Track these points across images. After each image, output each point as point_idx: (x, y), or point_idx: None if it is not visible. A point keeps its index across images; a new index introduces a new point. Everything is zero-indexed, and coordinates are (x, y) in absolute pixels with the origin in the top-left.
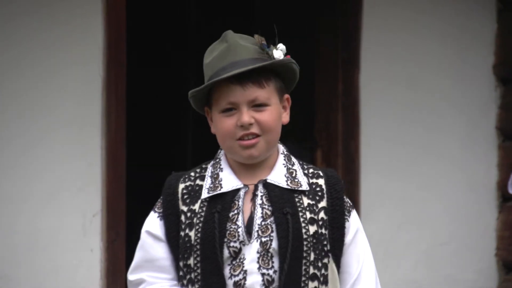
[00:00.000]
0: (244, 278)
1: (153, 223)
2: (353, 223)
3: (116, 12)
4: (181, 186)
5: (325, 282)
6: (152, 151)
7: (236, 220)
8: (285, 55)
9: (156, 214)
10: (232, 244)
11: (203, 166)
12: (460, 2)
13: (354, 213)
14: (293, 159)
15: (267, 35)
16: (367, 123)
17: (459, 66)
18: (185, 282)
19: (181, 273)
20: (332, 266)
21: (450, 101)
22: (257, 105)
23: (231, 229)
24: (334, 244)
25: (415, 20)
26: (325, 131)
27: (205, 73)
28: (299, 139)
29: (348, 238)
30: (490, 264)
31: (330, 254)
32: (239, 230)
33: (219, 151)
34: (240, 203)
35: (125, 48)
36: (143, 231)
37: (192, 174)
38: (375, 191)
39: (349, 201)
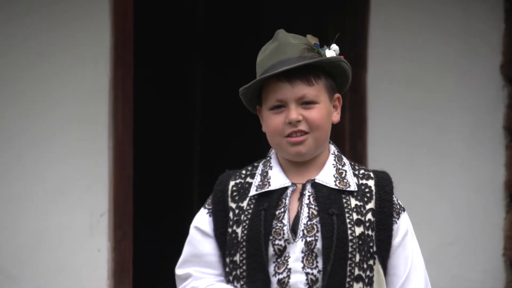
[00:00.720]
0: (288, 276)
1: (202, 219)
2: (402, 225)
3: (123, 12)
4: (232, 183)
5: (370, 283)
6: (159, 153)
7: (282, 218)
8: (339, 55)
9: (206, 210)
10: (277, 242)
11: (255, 164)
12: (467, 2)
13: (404, 215)
14: (345, 160)
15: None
16: (374, 123)
17: (466, 65)
18: (231, 278)
19: (227, 269)
20: (378, 267)
21: (457, 101)
22: (306, 103)
23: (277, 227)
24: (381, 246)
25: (422, 20)
26: (332, 130)
27: (257, 71)
28: None
29: (396, 240)
30: (498, 263)
31: (376, 256)
32: (284, 228)
33: (271, 149)
34: (287, 201)
35: (133, 48)
36: (192, 227)
37: (244, 172)
38: None
39: (400, 203)
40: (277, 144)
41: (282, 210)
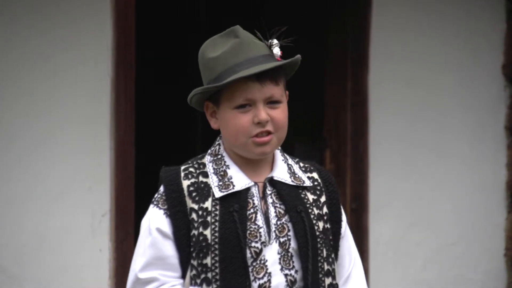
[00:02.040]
0: (269, 281)
1: (160, 220)
2: (344, 215)
3: (124, 12)
4: (186, 182)
5: (334, 276)
6: (161, 152)
7: (255, 219)
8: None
9: (162, 211)
10: (253, 244)
11: (199, 161)
12: (470, 2)
13: (341, 205)
14: (286, 155)
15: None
16: (376, 123)
17: (468, 66)
18: (198, 281)
19: (193, 272)
20: (334, 260)
21: (459, 101)
22: (272, 102)
23: (251, 229)
24: (334, 238)
25: (424, 20)
26: (334, 131)
27: (211, 67)
28: (308, 139)
29: (341, 230)
30: (499, 264)
31: (332, 248)
32: (261, 230)
33: (217, 147)
34: (256, 201)
35: (134, 49)
36: (152, 228)
37: (192, 170)
38: (384, 190)
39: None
40: (242, 144)
41: (252, 211)
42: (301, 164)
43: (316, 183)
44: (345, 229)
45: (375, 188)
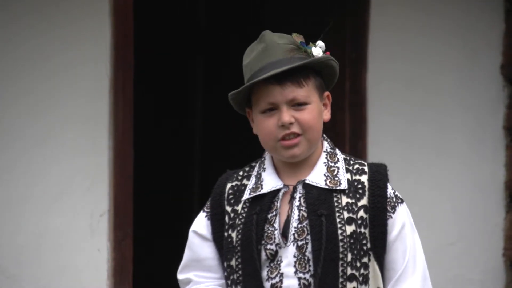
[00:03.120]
0: (281, 281)
1: (200, 223)
2: (399, 219)
3: (123, 12)
4: (228, 185)
5: (365, 281)
6: (160, 152)
7: (273, 222)
8: (324, 52)
9: (204, 214)
10: (268, 246)
11: (253, 164)
12: (468, 2)
13: (400, 208)
14: (339, 156)
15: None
16: (374, 123)
17: (466, 66)
18: (229, 282)
19: (225, 273)
20: (373, 264)
21: (458, 101)
22: (297, 104)
23: (268, 231)
24: (375, 242)
25: (423, 19)
26: (332, 131)
27: (244, 74)
28: None
29: (392, 234)
30: (498, 264)
31: (370, 253)
32: (275, 232)
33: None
34: (278, 204)
35: (133, 48)
36: (190, 231)
37: (241, 173)
38: None
39: (397, 196)
40: (271, 147)
41: (274, 213)
42: (355, 166)
43: (359, 186)
44: (399, 232)
45: None
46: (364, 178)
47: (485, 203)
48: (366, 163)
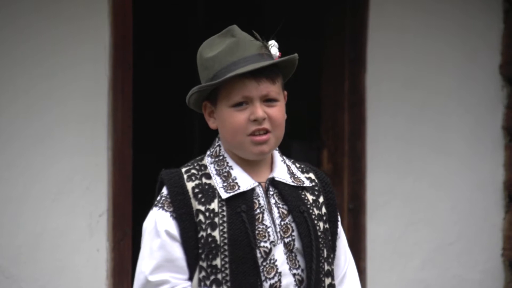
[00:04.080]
0: (280, 280)
1: (167, 223)
2: (338, 215)
3: (122, 12)
4: (190, 184)
5: (332, 277)
6: (159, 152)
7: (262, 219)
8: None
9: (168, 214)
10: (262, 244)
11: (200, 163)
12: (467, 2)
13: None
14: (282, 155)
15: (273, 34)
16: (373, 123)
17: (465, 66)
18: (208, 282)
19: (203, 274)
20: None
21: (457, 101)
22: (269, 100)
23: (260, 229)
24: (333, 238)
25: (422, 20)
26: (331, 131)
27: (208, 67)
28: (305, 139)
29: (338, 230)
30: (497, 264)
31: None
32: (269, 230)
33: (217, 148)
34: (262, 201)
35: (132, 48)
36: (161, 230)
37: (194, 171)
38: (382, 190)
39: None
40: (239, 142)
41: (259, 211)
42: (297, 165)
43: (314, 183)
44: (340, 229)
45: (373, 188)
46: (313, 176)
47: (484, 203)
48: (299, 161)
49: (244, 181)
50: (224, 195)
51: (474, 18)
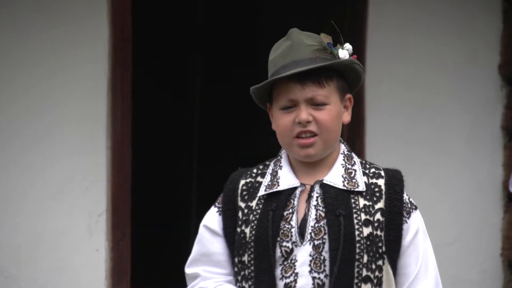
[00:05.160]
0: (295, 281)
1: (211, 218)
2: (413, 225)
3: (122, 12)
4: (242, 182)
5: (379, 284)
6: (158, 152)
7: (290, 219)
8: (351, 55)
9: (216, 209)
10: (284, 243)
11: (267, 163)
12: (466, 2)
13: (415, 214)
14: (355, 159)
15: (274, 34)
16: (372, 122)
17: (464, 65)
18: (239, 278)
19: (236, 269)
20: (387, 268)
21: (456, 101)
22: (316, 104)
23: (285, 229)
24: (390, 246)
25: (420, 20)
26: None
27: (269, 69)
28: None
29: (406, 239)
30: (496, 264)
31: (385, 256)
32: (292, 230)
33: (282, 148)
34: (295, 202)
35: (131, 48)
36: (201, 225)
37: (255, 170)
38: None
39: (412, 202)
40: (287, 144)
41: (290, 211)
42: (372, 170)
43: (376, 189)
44: (413, 238)
45: None
46: (381, 182)
47: (483, 203)
48: (381, 168)
49: (286, 180)
50: (262, 192)
51: (474, 18)
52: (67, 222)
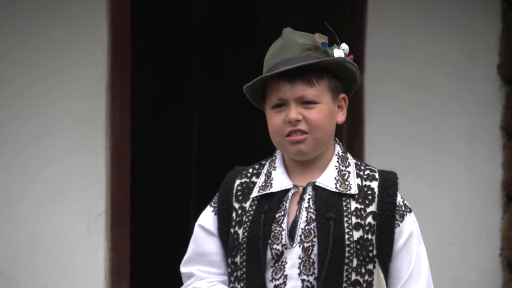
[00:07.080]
0: (284, 283)
1: (207, 217)
2: (406, 228)
3: (121, 12)
4: (237, 182)
5: (368, 287)
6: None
7: (282, 222)
8: (348, 55)
9: (211, 209)
10: (275, 246)
11: (263, 162)
12: (465, 2)
13: (409, 217)
14: (350, 160)
15: (272, 34)
16: (371, 122)
17: (464, 65)
18: (232, 279)
19: (229, 270)
20: (378, 271)
21: (455, 101)
22: (306, 103)
23: (276, 231)
24: (382, 249)
25: (420, 20)
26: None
27: (263, 69)
28: None
29: (399, 243)
30: (495, 264)
31: (376, 260)
32: (283, 233)
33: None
34: (287, 204)
35: (130, 48)
36: (196, 224)
37: (250, 170)
38: None
39: (406, 205)
40: (278, 143)
41: (282, 213)
42: (366, 172)
43: (369, 192)
44: (406, 241)
45: None
46: (374, 185)
47: (483, 203)
48: (376, 170)
49: (279, 182)
50: (254, 193)
51: (473, 18)
52: (66, 222)
